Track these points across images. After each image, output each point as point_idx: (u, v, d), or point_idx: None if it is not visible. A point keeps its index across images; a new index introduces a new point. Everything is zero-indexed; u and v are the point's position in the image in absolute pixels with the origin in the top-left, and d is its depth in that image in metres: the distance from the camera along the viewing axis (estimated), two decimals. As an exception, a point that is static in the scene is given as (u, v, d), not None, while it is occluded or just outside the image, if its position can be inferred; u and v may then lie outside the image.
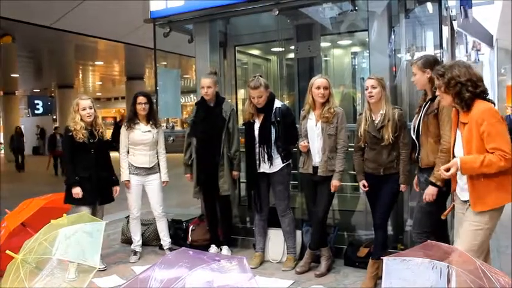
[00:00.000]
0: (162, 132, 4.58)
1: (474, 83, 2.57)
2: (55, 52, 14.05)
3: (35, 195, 4.32)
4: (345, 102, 5.64)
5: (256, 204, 4.18)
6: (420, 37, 4.98)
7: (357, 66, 6.02)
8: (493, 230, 2.66)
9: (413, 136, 3.33)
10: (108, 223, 3.79)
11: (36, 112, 24.97)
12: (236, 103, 5.56)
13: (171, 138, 5.09)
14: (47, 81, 21.48)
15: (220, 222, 4.54)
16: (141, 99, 4.39)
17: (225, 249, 4.49)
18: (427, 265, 2.19)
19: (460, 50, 11.30)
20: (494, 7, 12.95)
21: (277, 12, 4.40)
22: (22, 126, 19.43)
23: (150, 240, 4.91)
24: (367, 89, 3.55)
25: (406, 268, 2.24)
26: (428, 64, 3.19)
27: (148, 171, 4.45)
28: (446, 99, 2.68)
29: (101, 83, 23.29)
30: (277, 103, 4.10)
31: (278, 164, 4.04)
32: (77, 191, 4.06)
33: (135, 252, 4.52)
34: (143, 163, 4.41)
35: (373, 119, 3.57)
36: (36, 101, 25.08)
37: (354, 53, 6.00)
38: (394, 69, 4.37)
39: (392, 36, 4.28)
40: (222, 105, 4.34)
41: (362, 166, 3.70)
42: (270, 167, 4.05)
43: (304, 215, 4.49)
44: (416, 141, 3.29)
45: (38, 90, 24.67)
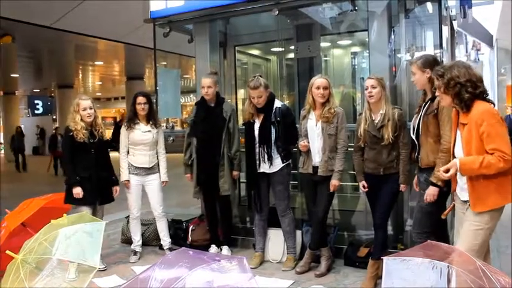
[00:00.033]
0: (162, 132, 4.58)
1: (474, 83, 2.56)
2: (55, 52, 14.05)
3: (35, 195, 4.31)
4: (345, 102, 5.64)
5: (256, 204, 4.18)
6: (420, 37, 4.98)
7: (356, 66, 6.02)
8: (493, 229, 2.65)
9: (413, 136, 3.32)
10: (108, 223, 3.79)
11: (36, 112, 24.96)
12: (236, 103, 5.56)
13: (171, 138, 5.08)
14: (47, 81, 21.49)
15: (220, 222, 4.54)
16: (141, 100, 4.39)
17: (225, 249, 4.49)
18: (427, 265, 2.19)
19: (460, 49, 11.30)
20: (494, 7, 12.92)
21: (277, 12, 4.40)
22: (22, 126, 19.42)
23: (150, 240, 4.91)
24: (367, 89, 3.55)
25: (406, 268, 2.24)
26: (427, 64, 3.19)
27: (148, 171, 4.45)
28: (446, 100, 2.68)
29: (100, 83, 23.29)
30: (277, 103, 4.10)
31: (278, 164, 4.04)
32: (78, 191, 4.07)
33: (135, 252, 4.53)
34: (143, 163, 4.42)
35: (373, 119, 3.57)
36: (36, 101, 25.08)
37: (354, 53, 6.00)
38: (394, 69, 4.37)
39: (392, 36, 4.28)
40: (222, 105, 4.34)
41: (362, 166, 3.70)
42: (270, 167, 4.05)
43: (304, 215, 4.49)
44: (416, 141, 3.29)
45: (38, 90, 24.68)
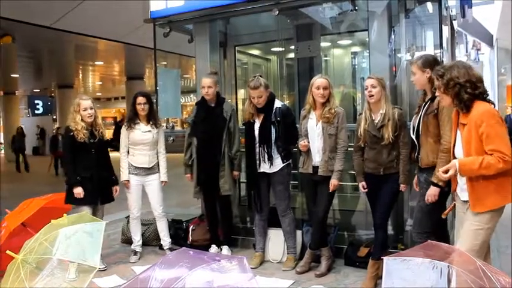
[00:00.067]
0: (163, 132, 4.58)
1: (473, 84, 2.56)
2: (55, 52, 14.04)
3: (36, 195, 4.31)
4: (345, 102, 5.63)
5: (257, 204, 4.18)
6: (420, 37, 4.98)
7: (357, 66, 6.01)
8: (493, 229, 2.65)
9: (412, 136, 3.32)
10: (108, 223, 3.79)
11: (36, 112, 24.95)
12: (236, 103, 5.56)
13: (171, 138, 5.08)
14: (47, 81, 21.47)
15: (220, 222, 4.54)
16: (141, 100, 4.39)
17: (225, 249, 4.49)
18: (428, 265, 2.19)
19: (460, 49, 11.29)
20: (494, 7, 12.92)
21: (277, 12, 4.40)
22: (22, 126, 19.41)
23: (150, 240, 4.91)
24: (367, 89, 3.55)
25: (407, 268, 2.24)
26: (427, 64, 3.19)
27: (148, 171, 4.45)
28: (446, 100, 2.68)
29: (101, 83, 23.27)
30: (277, 103, 4.10)
31: (278, 164, 4.04)
32: (79, 191, 4.07)
33: (135, 252, 4.53)
34: (143, 163, 4.42)
35: (373, 119, 3.57)
36: (36, 101, 25.06)
37: (354, 53, 6.00)
38: (394, 69, 4.37)
39: (392, 36, 4.28)
40: (222, 105, 4.34)
41: (362, 167, 3.70)
42: (270, 167, 4.05)
43: (305, 215, 4.49)
44: (416, 141, 3.29)
45: (38, 90, 24.66)
